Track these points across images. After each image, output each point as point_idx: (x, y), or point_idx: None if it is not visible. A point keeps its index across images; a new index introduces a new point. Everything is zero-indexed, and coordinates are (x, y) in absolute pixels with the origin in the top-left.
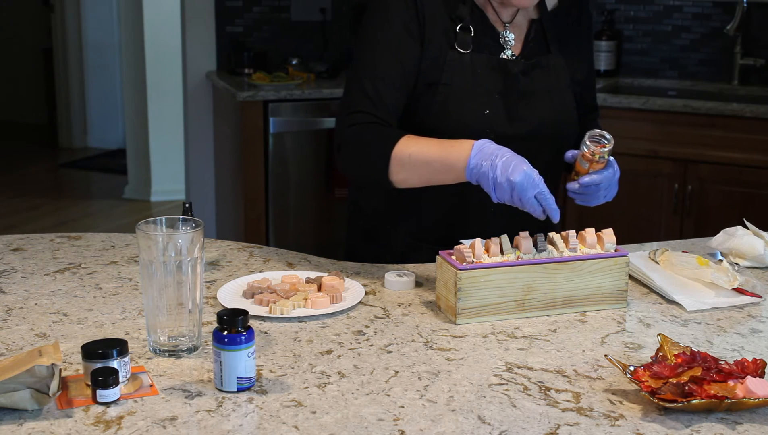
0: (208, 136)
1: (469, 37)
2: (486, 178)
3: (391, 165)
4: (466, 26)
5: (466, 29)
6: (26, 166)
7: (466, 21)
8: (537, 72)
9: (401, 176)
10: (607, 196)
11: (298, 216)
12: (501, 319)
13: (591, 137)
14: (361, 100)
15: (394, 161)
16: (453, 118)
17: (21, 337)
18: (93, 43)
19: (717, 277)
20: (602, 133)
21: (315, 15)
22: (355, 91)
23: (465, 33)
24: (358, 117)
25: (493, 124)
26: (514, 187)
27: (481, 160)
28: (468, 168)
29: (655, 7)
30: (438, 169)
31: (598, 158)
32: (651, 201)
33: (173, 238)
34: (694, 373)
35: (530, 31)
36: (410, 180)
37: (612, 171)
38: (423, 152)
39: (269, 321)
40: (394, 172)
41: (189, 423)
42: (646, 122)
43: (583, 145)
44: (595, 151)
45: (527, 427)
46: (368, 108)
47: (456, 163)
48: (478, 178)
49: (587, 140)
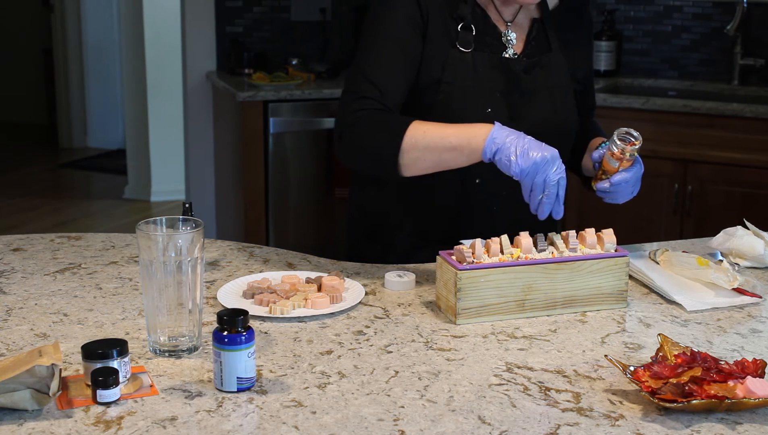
0: (208, 136)
1: (470, 36)
2: (511, 147)
3: (403, 144)
4: (468, 25)
5: (468, 28)
6: (26, 166)
7: (468, 20)
8: (538, 70)
9: (412, 156)
10: (633, 192)
11: (298, 216)
12: (501, 319)
13: (619, 135)
14: (368, 87)
15: (407, 139)
16: (454, 116)
17: (21, 337)
18: (93, 43)
19: (717, 277)
20: (628, 131)
21: (315, 15)
22: (361, 78)
23: (466, 32)
24: (366, 102)
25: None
26: (547, 161)
27: (506, 133)
28: (490, 137)
29: (655, 7)
30: (453, 144)
31: (629, 156)
32: (651, 201)
33: (173, 239)
34: (694, 373)
35: (532, 29)
36: (420, 161)
37: (639, 166)
38: (439, 129)
39: (269, 321)
40: (405, 151)
41: (189, 423)
42: (646, 122)
43: (612, 144)
44: (626, 148)
45: (527, 427)
46: (375, 95)
47: (476, 135)
48: (500, 147)
49: (616, 139)
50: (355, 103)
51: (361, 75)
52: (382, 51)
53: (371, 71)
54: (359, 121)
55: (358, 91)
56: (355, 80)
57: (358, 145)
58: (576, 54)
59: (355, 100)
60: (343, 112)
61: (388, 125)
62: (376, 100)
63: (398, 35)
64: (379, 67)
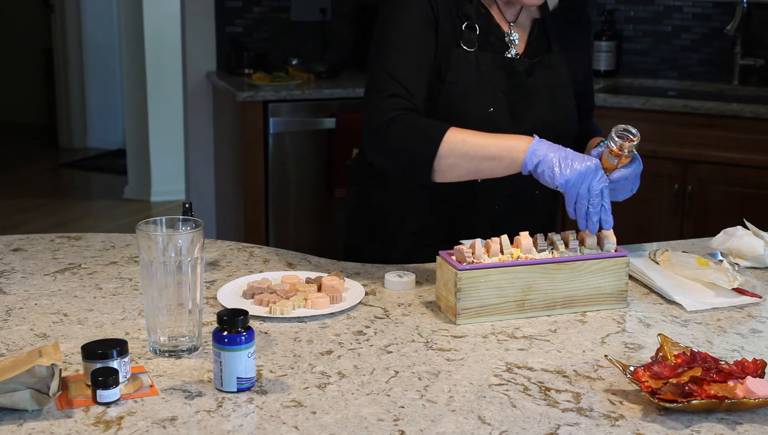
0: (208, 136)
1: (474, 35)
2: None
3: (440, 149)
4: (472, 25)
5: (472, 28)
6: (26, 166)
7: (473, 19)
8: (540, 71)
9: (449, 162)
10: (633, 189)
11: (298, 216)
12: (501, 320)
13: (617, 132)
14: (395, 86)
15: (445, 145)
16: (457, 115)
17: (21, 337)
18: (93, 43)
19: (717, 277)
20: (626, 128)
21: (315, 15)
22: (386, 77)
23: (470, 31)
24: (396, 102)
25: (496, 122)
26: (591, 171)
27: (547, 146)
28: (531, 150)
29: (655, 7)
30: (493, 154)
31: (627, 153)
32: (651, 201)
33: (173, 239)
34: (694, 373)
35: (533, 30)
36: (456, 168)
37: (638, 163)
38: (477, 138)
39: (269, 321)
40: (442, 157)
41: (189, 423)
42: (646, 122)
43: (610, 142)
44: (624, 145)
45: (527, 427)
46: (403, 94)
47: (516, 148)
48: (542, 159)
49: (614, 135)
50: (385, 102)
51: (385, 74)
52: (404, 49)
53: (395, 70)
54: (393, 122)
55: (386, 90)
56: (380, 78)
57: (393, 148)
58: (576, 55)
59: (384, 100)
60: (373, 111)
61: (425, 129)
62: (406, 99)
63: (417, 32)
64: (404, 65)
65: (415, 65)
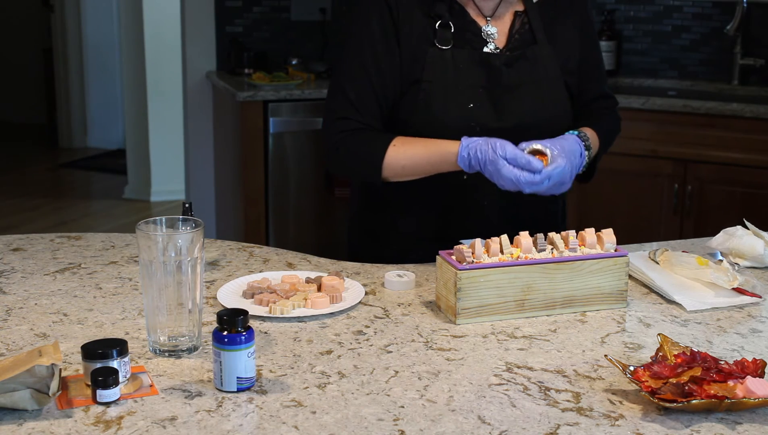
0: (208, 136)
1: (449, 33)
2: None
3: (383, 171)
4: (446, 23)
5: (446, 26)
6: (26, 166)
7: (446, 18)
8: (522, 63)
9: (395, 176)
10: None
11: (298, 216)
12: (501, 319)
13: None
14: (345, 107)
15: (387, 168)
16: (437, 113)
17: (21, 337)
18: (93, 43)
19: (717, 277)
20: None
21: (315, 15)
22: (339, 96)
23: (445, 30)
24: (344, 124)
25: (479, 117)
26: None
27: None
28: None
29: (655, 7)
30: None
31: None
32: (651, 201)
33: (173, 238)
34: (694, 373)
35: (514, 23)
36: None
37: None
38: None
39: (269, 321)
40: (387, 176)
41: (189, 423)
42: (646, 122)
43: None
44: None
45: (527, 427)
46: (352, 114)
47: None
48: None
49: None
50: (332, 127)
51: (340, 93)
52: (358, 64)
53: (349, 89)
54: (341, 143)
55: (335, 110)
56: (334, 95)
57: (343, 166)
58: (565, 44)
59: (332, 122)
60: (324, 134)
61: (366, 153)
62: (354, 119)
63: (373, 47)
64: (356, 83)
65: (367, 83)
